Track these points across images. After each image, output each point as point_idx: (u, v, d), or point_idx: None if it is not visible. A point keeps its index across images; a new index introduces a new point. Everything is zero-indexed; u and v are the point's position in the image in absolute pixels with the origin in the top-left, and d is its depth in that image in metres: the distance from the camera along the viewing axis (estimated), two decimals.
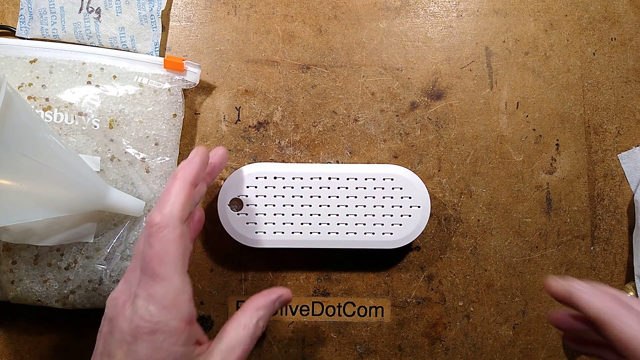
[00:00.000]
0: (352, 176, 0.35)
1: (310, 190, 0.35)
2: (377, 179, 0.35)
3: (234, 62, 0.38)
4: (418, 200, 0.35)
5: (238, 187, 0.34)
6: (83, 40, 0.37)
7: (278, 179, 0.34)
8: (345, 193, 0.35)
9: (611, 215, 0.38)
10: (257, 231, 0.34)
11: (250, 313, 0.30)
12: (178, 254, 0.26)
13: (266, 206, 0.34)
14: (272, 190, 0.34)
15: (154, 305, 0.25)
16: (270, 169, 0.35)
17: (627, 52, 0.39)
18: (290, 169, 0.35)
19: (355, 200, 0.35)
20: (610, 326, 0.26)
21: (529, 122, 0.39)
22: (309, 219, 0.34)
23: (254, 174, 0.34)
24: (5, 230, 0.31)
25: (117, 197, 0.33)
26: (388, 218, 0.35)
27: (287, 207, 0.34)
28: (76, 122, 0.34)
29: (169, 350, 0.25)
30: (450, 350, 0.38)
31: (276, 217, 0.34)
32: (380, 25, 0.39)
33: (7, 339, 0.37)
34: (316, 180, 0.35)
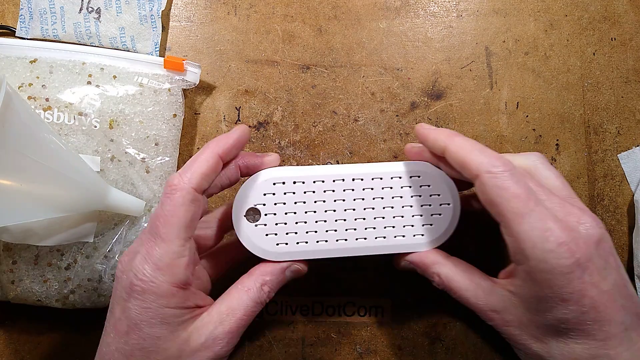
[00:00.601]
0: (377, 176, 0.31)
1: (333, 194, 0.31)
2: (403, 177, 0.32)
3: (234, 62, 0.38)
4: (447, 197, 0.32)
5: (254, 196, 0.31)
6: (83, 40, 0.37)
7: (298, 184, 0.31)
8: (371, 194, 0.31)
9: (611, 215, 0.38)
10: (278, 243, 0.31)
11: (255, 277, 0.29)
12: (184, 219, 0.26)
13: (286, 214, 0.31)
14: (292, 196, 0.31)
15: (149, 265, 0.26)
16: (288, 174, 0.31)
17: (627, 52, 0.39)
18: (309, 172, 0.31)
19: (382, 201, 0.32)
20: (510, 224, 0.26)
21: (529, 122, 0.39)
22: (334, 225, 0.31)
23: (270, 180, 0.31)
24: (6, 230, 0.31)
25: (117, 197, 0.33)
26: (418, 218, 0.32)
27: (309, 214, 0.31)
28: (76, 122, 0.34)
29: (157, 311, 0.26)
30: (450, 350, 0.38)
31: (298, 225, 0.31)
32: (380, 25, 0.39)
33: (8, 339, 0.37)
34: (339, 182, 0.31)
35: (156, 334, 0.26)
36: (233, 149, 0.29)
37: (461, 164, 0.28)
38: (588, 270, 0.25)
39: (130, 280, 0.26)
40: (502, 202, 0.26)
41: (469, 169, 0.27)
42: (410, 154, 0.33)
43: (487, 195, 0.27)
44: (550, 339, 0.27)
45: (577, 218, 0.26)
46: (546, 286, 0.25)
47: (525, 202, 0.26)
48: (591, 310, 0.25)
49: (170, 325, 0.26)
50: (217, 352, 0.27)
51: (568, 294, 0.25)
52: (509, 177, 0.26)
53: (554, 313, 0.26)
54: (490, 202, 0.27)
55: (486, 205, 0.27)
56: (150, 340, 0.26)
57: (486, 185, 0.26)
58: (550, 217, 0.26)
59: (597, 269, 0.25)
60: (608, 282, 0.26)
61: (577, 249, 0.25)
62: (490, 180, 0.26)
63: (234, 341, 0.28)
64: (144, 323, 0.26)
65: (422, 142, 0.31)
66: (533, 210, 0.26)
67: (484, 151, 0.27)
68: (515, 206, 0.26)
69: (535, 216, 0.26)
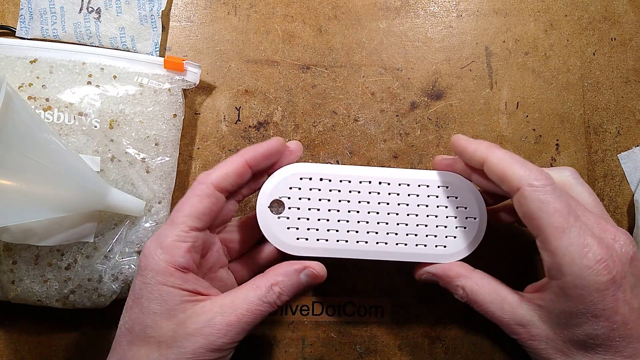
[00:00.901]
0: (404, 182, 0.31)
1: (358, 195, 0.31)
2: (431, 186, 0.31)
3: (234, 62, 0.38)
4: (474, 211, 0.31)
5: (280, 188, 0.31)
6: (83, 40, 0.37)
7: (324, 181, 0.31)
8: (396, 200, 0.31)
9: (611, 215, 0.38)
10: (298, 237, 0.31)
11: (267, 277, 0.29)
12: (194, 208, 0.28)
13: (310, 210, 0.31)
14: (317, 193, 0.31)
15: (153, 243, 0.28)
16: (315, 170, 0.31)
17: (627, 52, 0.39)
18: (337, 170, 0.31)
19: (407, 208, 0.31)
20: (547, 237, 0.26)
21: (529, 122, 0.39)
22: (356, 226, 0.31)
23: (298, 174, 0.31)
24: (6, 230, 0.31)
25: (118, 197, 0.33)
26: (442, 229, 0.31)
27: (332, 212, 0.31)
28: (76, 122, 0.34)
29: (154, 287, 0.27)
30: (450, 350, 0.38)
31: (320, 222, 0.31)
32: (380, 25, 0.39)
33: (8, 339, 0.37)
34: (365, 184, 0.31)
35: (153, 309, 0.27)
36: (262, 158, 0.30)
37: (501, 176, 0.28)
38: (622, 287, 0.25)
39: (140, 257, 0.28)
40: (542, 216, 0.26)
41: (509, 181, 0.27)
42: (441, 165, 0.33)
43: (527, 208, 0.27)
44: (576, 353, 0.27)
45: (613, 235, 0.27)
46: (580, 302, 0.26)
47: (565, 217, 0.26)
48: (621, 327, 0.26)
49: (167, 302, 0.27)
50: (211, 342, 0.27)
51: (601, 310, 0.25)
52: (551, 192, 0.26)
53: (584, 328, 0.26)
54: (530, 215, 0.26)
55: (524, 218, 0.27)
56: (149, 315, 0.27)
57: (527, 199, 0.26)
58: (589, 234, 0.26)
59: (630, 287, 0.26)
60: (639, 300, 0.26)
61: (613, 266, 0.25)
62: (532, 193, 0.26)
63: (232, 335, 0.27)
64: (143, 298, 0.27)
65: (459, 153, 0.31)
66: (573, 225, 0.26)
67: (526, 164, 0.27)
68: (556, 221, 0.26)
69: (574, 232, 0.26)
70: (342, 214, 0.31)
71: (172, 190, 0.36)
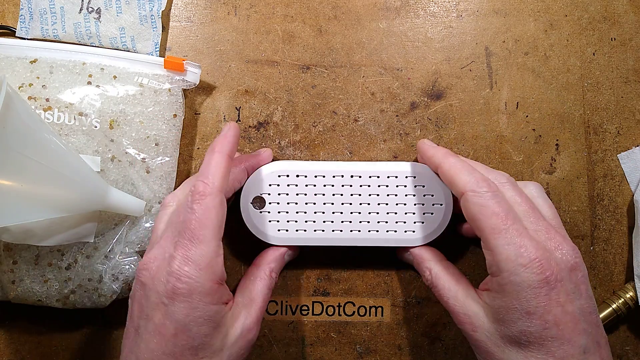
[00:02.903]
0: (374, 174, 0.34)
1: (332, 189, 0.34)
2: (399, 177, 0.34)
3: (234, 62, 0.38)
4: (440, 198, 0.34)
5: (260, 185, 0.34)
6: (83, 41, 0.37)
7: (300, 177, 0.34)
8: (367, 191, 0.34)
9: (611, 215, 0.38)
10: (279, 229, 0.34)
11: (263, 267, 0.33)
12: (217, 220, 0.28)
13: (288, 204, 0.34)
14: (295, 188, 0.34)
15: (190, 266, 0.27)
16: (292, 167, 0.34)
17: (627, 52, 0.39)
18: (312, 166, 0.34)
19: (377, 198, 0.34)
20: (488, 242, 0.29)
21: (529, 122, 0.39)
22: (331, 216, 0.34)
23: (276, 172, 0.34)
24: (6, 230, 0.31)
25: (118, 197, 0.33)
26: (410, 216, 0.34)
27: (309, 205, 0.34)
28: (76, 122, 0.34)
29: (204, 309, 0.27)
30: (450, 350, 0.38)
31: (299, 215, 0.34)
32: (380, 25, 0.39)
33: (8, 339, 0.37)
34: (338, 178, 0.34)
35: (204, 332, 0.27)
36: (235, 147, 0.31)
37: (450, 181, 0.31)
38: (556, 289, 0.27)
39: (172, 285, 0.27)
40: (482, 218, 0.29)
41: (456, 186, 0.30)
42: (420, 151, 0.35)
43: (470, 211, 0.29)
44: (511, 349, 0.28)
45: (557, 244, 0.29)
46: (515, 298, 0.27)
47: (503, 220, 0.28)
48: (553, 327, 0.27)
49: (214, 321, 0.28)
50: (250, 340, 0.30)
51: (533, 308, 0.27)
52: (491, 197, 0.29)
53: (519, 325, 0.27)
54: (472, 217, 0.29)
55: (469, 221, 0.30)
56: (199, 338, 0.27)
57: (469, 202, 0.29)
58: (526, 236, 0.28)
59: (565, 291, 0.27)
60: (574, 305, 0.27)
61: (548, 266, 0.27)
62: (473, 197, 0.29)
63: (259, 326, 0.31)
64: (192, 323, 0.27)
65: (421, 157, 0.35)
66: (510, 227, 0.28)
67: (473, 172, 0.30)
68: (494, 222, 0.28)
69: (511, 233, 0.28)
70: (318, 206, 0.34)
71: (172, 190, 0.36)
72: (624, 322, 0.38)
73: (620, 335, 0.38)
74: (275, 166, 0.34)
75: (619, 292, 0.37)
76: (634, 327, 0.38)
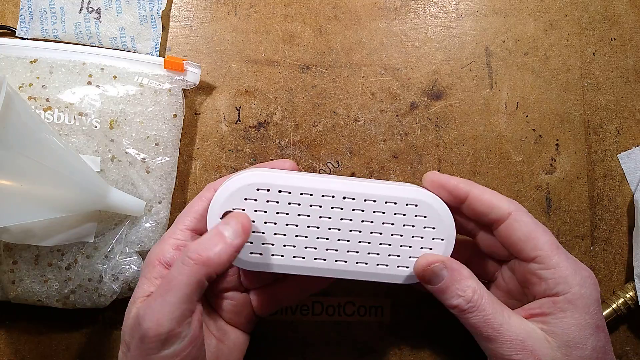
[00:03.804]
0: (370, 198, 0.29)
1: (319, 210, 0.29)
2: (399, 204, 0.29)
3: (234, 62, 0.38)
4: (442, 233, 0.29)
5: (234, 199, 0.28)
6: (83, 41, 0.37)
7: (283, 194, 0.28)
8: (360, 217, 0.29)
9: (611, 215, 0.38)
10: (252, 252, 0.29)
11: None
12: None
13: (265, 224, 0.28)
14: (275, 205, 0.28)
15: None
16: (274, 181, 0.28)
17: (627, 52, 0.39)
18: (298, 182, 0.28)
19: (371, 226, 0.29)
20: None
21: (529, 122, 0.39)
22: (315, 242, 0.29)
23: (254, 184, 0.28)
24: (6, 230, 0.31)
25: (118, 197, 0.33)
26: (406, 249, 0.29)
27: (290, 227, 0.29)
28: (76, 122, 0.34)
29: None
30: (450, 350, 0.38)
31: (276, 237, 0.29)
32: (380, 25, 0.39)
33: (8, 339, 0.37)
34: (328, 199, 0.29)
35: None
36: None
37: (490, 205, 0.29)
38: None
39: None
40: (538, 236, 0.28)
41: (499, 208, 0.29)
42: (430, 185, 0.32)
43: (522, 231, 0.28)
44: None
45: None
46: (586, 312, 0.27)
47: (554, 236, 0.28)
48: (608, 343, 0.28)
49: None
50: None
51: (600, 321, 0.27)
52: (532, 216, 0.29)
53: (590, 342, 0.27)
54: (527, 236, 0.28)
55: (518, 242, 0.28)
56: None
57: (521, 222, 0.28)
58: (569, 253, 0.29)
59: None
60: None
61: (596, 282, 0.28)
62: (524, 216, 0.28)
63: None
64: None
65: (437, 188, 0.30)
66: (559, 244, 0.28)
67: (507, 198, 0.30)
68: (551, 239, 0.28)
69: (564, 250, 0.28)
70: (300, 229, 0.29)
71: (172, 190, 0.36)
72: (624, 322, 0.38)
73: (620, 335, 0.38)
74: (255, 178, 0.28)
75: (619, 292, 0.37)
76: (634, 327, 0.38)
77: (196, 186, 0.38)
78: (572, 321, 0.27)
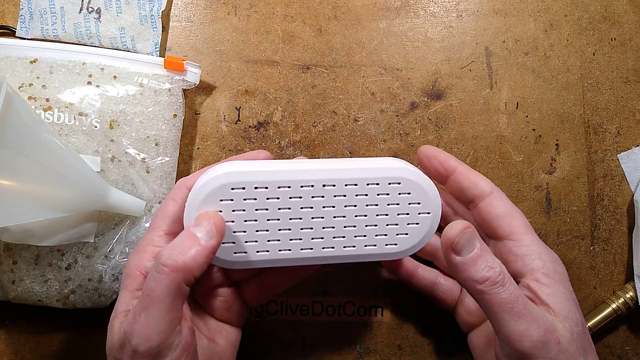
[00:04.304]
0: (351, 182, 0.28)
1: (300, 201, 0.27)
2: (381, 184, 0.28)
3: (234, 62, 0.38)
4: (428, 207, 0.29)
5: (209, 202, 0.27)
6: (83, 41, 0.37)
7: (260, 189, 0.27)
8: (343, 202, 0.28)
9: (611, 215, 0.38)
10: (235, 252, 0.28)
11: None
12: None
13: (246, 222, 0.27)
14: (253, 202, 0.27)
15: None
16: (249, 178, 0.27)
17: (627, 52, 0.39)
18: (274, 176, 0.27)
19: (355, 209, 0.28)
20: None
21: (529, 122, 0.39)
22: (299, 233, 0.28)
23: (228, 184, 0.27)
24: (6, 230, 0.31)
25: (118, 197, 0.33)
26: (393, 227, 0.29)
27: (272, 222, 0.28)
28: (76, 122, 0.34)
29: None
30: (450, 350, 0.38)
31: (259, 234, 0.28)
32: (380, 25, 0.39)
33: (8, 339, 0.37)
34: (308, 188, 0.27)
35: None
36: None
37: (474, 181, 0.31)
38: None
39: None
40: (516, 215, 0.30)
41: (482, 186, 0.31)
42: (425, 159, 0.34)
43: (500, 209, 0.30)
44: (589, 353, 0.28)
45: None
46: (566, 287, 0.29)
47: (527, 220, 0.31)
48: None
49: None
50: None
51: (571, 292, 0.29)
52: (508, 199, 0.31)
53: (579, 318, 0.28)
54: (505, 214, 0.30)
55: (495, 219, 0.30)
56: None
57: (500, 200, 0.30)
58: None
59: None
60: None
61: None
62: (502, 196, 0.31)
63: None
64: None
65: (429, 159, 0.32)
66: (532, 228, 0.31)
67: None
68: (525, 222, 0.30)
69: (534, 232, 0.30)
70: (282, 222, 0.28)
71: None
72: (624, 322, 0.38)
73: (620, 335, 0.38)
74: (228, 177, 0.27)
75: (619, 292, 0.37)
76: (634, 327, 0.38)
77: None
78: (559, 294, 0.27)
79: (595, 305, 0.38)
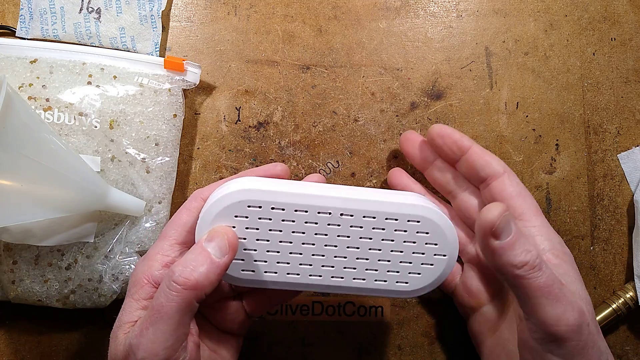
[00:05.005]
0: (370, 214, 0.27)
1: (315, 227, 0.27)
2: (400, 220, 0.27)
3: (234, 62, 0.38)
4: (444, 249, 0.28)
5: (224, 217, 0.27)
6: (83, 41, 0.37)
7: (277, 210, 0.27)
8: (358, 233, 0.27)
9: (611, 215, 0.38)
10: (243, 269, 0.27)
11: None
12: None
13: (258, 241, 0.27)
14: (268, 223, 0.27)
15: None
16: (267, 198, 0.27)
17: (627, 52, 0.39)
18: (293, 199, 0.27)
19: (369, 242, 0.28)
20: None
21: (529, 122, 0.39)
22: (310, 259, 0.28)
23: (245, 202, 0.26)
24: (6, 230, 0.31)
25: (118, 197, 0.33)
26: (406, 265, 0.28)
27: (284, 244, 0.27)
28: (76, 122, 0.34)
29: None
30: (450, 350, 0.38)
31: (269, 254, 0.27)
32: (380, 25, 0.39)
33: (8, 339, 0.37)
34: (324, 215, 0.27)
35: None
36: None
37: (487, 161, 0.31)
38: None
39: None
40: (527, 197, 0.31)
41: (494, 166, 0.31)
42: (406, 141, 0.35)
43: (512, 188, 0.30)
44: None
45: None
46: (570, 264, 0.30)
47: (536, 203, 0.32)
48: None
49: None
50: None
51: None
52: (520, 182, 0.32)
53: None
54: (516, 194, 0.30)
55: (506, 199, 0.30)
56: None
57: (513, 181, 0.31)
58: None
59: None
60: None
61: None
62: (514, 177, 0.31)
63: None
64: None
65: (443, 137, 0.32)
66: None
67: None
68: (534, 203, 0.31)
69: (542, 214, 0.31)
70: (294, 246, 0.27)
71: (172, 190, 0.36)
72: (624, 322, 0.38)
73: (620, 335, 0.38)
74: (246, 195, 0.26)
75: (619, 292, 0.37)
76: (634, 327, 0.38)
77: (196, 186, 0.38)
78: (571, 274, 0.27)
79: (595, 306, 0.38)
